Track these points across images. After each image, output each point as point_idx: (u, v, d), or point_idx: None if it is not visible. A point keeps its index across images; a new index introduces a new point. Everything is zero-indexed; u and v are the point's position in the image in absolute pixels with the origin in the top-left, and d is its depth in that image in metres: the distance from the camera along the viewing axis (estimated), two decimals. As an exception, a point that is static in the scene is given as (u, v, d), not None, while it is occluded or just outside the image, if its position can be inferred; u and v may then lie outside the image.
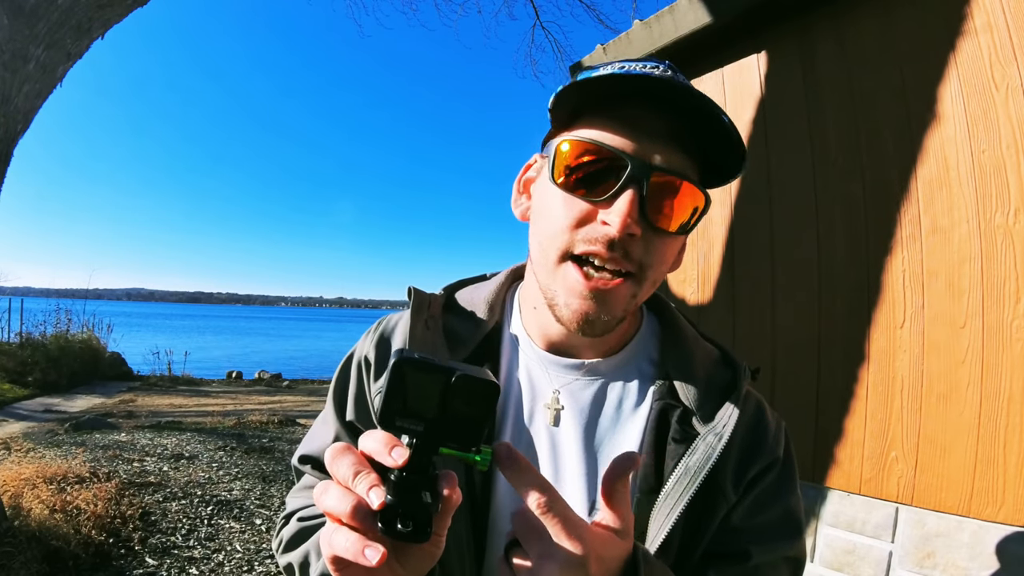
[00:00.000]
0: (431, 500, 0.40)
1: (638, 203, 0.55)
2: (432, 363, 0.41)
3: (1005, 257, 1.60)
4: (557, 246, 0.59)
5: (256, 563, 3.21)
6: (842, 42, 2.02)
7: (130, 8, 3.14)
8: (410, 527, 0.39)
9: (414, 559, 0.45)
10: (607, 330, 0.61)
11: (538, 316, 0.68)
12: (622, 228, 0.55)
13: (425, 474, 0.41)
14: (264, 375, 13.49)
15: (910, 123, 1.82)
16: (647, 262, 0.59)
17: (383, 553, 0.38)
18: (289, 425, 7.00)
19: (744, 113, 2.33)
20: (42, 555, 2.80)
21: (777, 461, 0.67)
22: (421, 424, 0.41)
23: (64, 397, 8.60)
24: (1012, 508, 1.53)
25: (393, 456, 0.40)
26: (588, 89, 0.57)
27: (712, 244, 2.43)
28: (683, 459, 0.61)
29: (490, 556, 0.64)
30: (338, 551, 0.40)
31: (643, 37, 2.59)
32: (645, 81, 0.55)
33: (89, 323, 11.37)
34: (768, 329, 2.18)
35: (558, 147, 0.59)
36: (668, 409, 0.65)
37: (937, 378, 1.71)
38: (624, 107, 0.58)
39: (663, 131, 0.57)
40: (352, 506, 0.40)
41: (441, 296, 0.74)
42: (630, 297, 0.60)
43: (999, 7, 1.63)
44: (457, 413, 0.41)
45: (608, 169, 0.57)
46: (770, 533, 0.66)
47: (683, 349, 0.69)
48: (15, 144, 2.99)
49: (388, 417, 0.40)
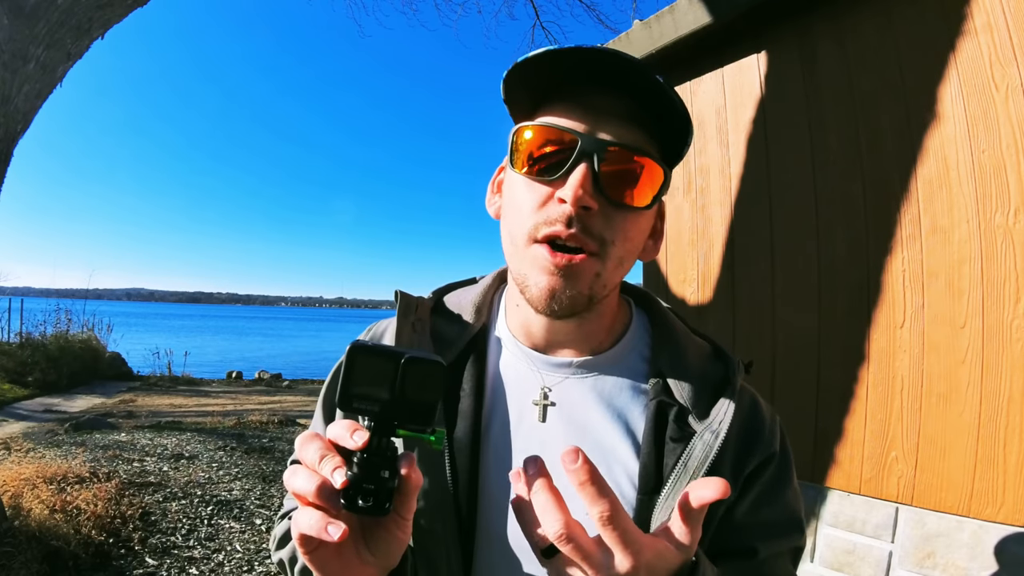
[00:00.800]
0: (389, 476, 0.43)
1: (591, 177, 0.56)
2: (382, 348, 0.44)
3: (1005, 257, 1.60)
4: (523, 232, 0.60)
5: (256, 563, 3.21)
6: (842, 42, 2.02)
7: (130, 8, 3.14)
8: (371, 502, 0.42)
9: (383, 543, 0.47)
10: (574, 309, 0.60)
11: (521, 313, 0.68)
12: (574, 200, 0.55)
13: (385, 455, 0.44)
14: (264, 375, 13.49)
15: (910, 123, 1.82)
16: (608, 237, 0.59)
17: (344, 530, 0.41)
18: (289, 425, 7.00)
19: (744, 113, 2.33)
20: (42, 555, 2.80)
21: (775, 455, 0.67)
22: (377, 406, 0.44)
23: (64, 397, 8.60)
24: (1012, 508, 1.53)
25: (355, 439, 0.42)
26: (538, 73, 0.59)
27: (712, 244, 2.43)
28: (681, 458, 0.61)
29: (479, 557, 0.64)
30: (303, 528, 0.43)
31: (643, 37, 2.59)
32: (581, 56, 0.56)
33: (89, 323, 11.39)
34: (768, 329, 2.18)
35: (515, 136, 0.61)
36: (664, 407, 0.64)
37: (937, 378, 1.71)
38: (575, 91, 0.60)
39: (614, 109, 0.59)
40: (317, 486, 0.42)
41: (430, 299, 0.75)
42: (594, 275, 0.59)
43: (999, 7, 1.63)
44: (409, 394, 0.44)
45: (562, 150, 0.58)
46: (774, 528, 0.66)
47: (675, 345, 0.69)
48: (15, 144, 2.99)
49: (346, 400, 0.44)
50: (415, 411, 0.45)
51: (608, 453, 0.64)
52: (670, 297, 2.58)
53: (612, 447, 0.64)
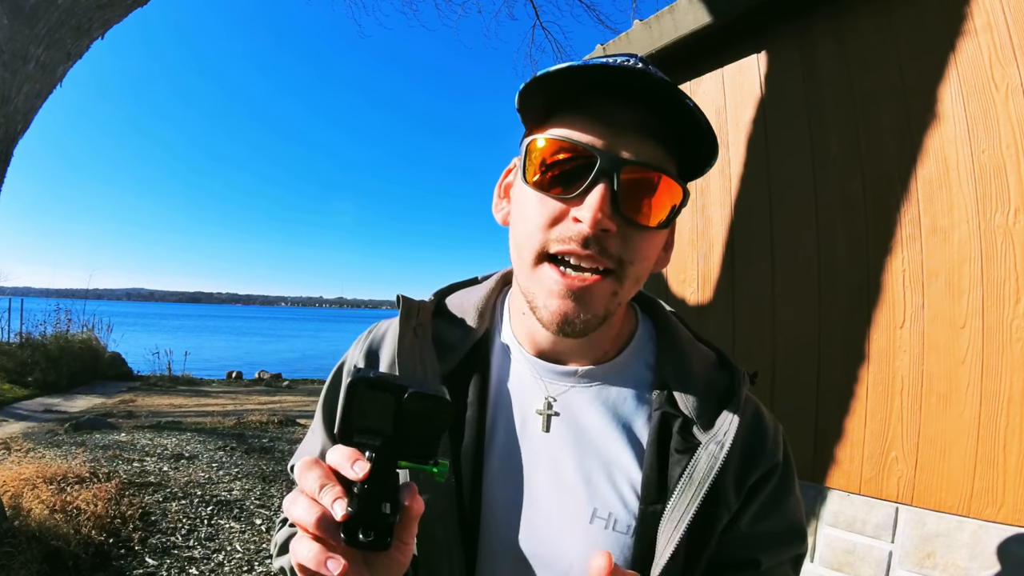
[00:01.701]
0: (391, 511, 0.42)
1: (610, 197, 0.54)
2: (385, 381, 0.43)
3: (1005, 257, 1.60)
4: (532, 247, 0.58)
5: (256, 563, 3.21)
6: (842, 42, 2.02)
7: (130, 8, 3.14)
8: (371, 537, 0.41)
9: (383, 568, 0.46)
10: (587, 330, 0.59)
11: (526, 321, 0.67)
12: (593, 224, 0.54)
13: (386, 486, 0.42)
14: (264, 375, 13.49)
15: (910, 123, 1.82)
16: (627, 258, 0.57)
17: (344, 565, 0.41)
18: (289, 425, 7.00)
19: (744, 113, 2.33)
20: (42, 555, 2.80)
21: (778, 466, 0.66)
22: (379, 439, 0.43)
23: (64, 397, 8.60)
24: (1012, 508, 1.53)
25: (355, 470, 0.41)
26: (553, 85, 0.56)
27: (712, 244, 2.43)
28: (686, 470, 0.60)
29: (482, 566, 0.63)
30: (302, 560, 0.42)
31: (643, 37, 2.59)
32: (609, 72, 0.54)
33: (89, 323, 11.38)
34: (768, 329, 2.18)
35: (529, 146, 0.59)
36: (668, 419, 0.64)
37: (937, 378, 1.71)
38: (594, 103, 0.57)
39: (634, 124, 0.56)
40: (317, 517, 0.42)
41: (431, 302, 0.73)
42: (610, 295, 0.58)
43: (999, 7, 1.63)
44: (411, 428, 0.43)
45: (579, 165, 0.56)
46: (777, 539, 0.66)
47: (679, 352, 0.68)
48: (15, 144, 2.99)
49: (346, 434, 0.43)
50: (418, 444, 0.44)
51: (611, 463, 0.63)
52: (670, 297, 2.58)
53: (616, 457, 0.63)
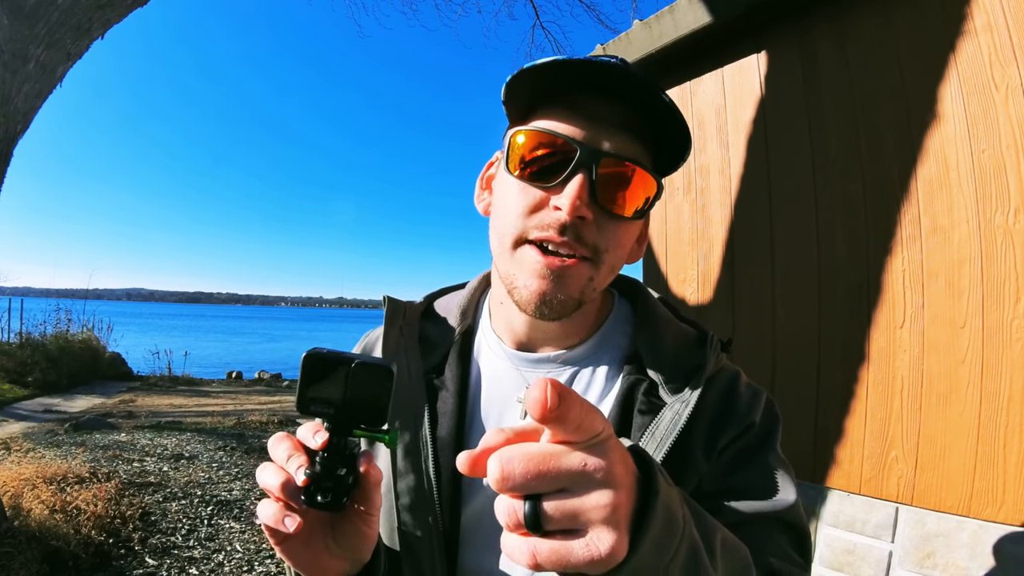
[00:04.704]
0: (346, 474, 0.47)
1: (588, 187, 0.57)
2: (334, 355, 0.48)
3: (1005, 257, 1.60)
4: (512, 232, 0.61)
5: (256, 563, 3.20)
6: (842, 42, 2.02)
7: (130, 8, 3.14)
8: (328, 498, 0.46)
9: (348, 537, 0.51)
10: (563, 313, 0.61)
11: (504, 311, 0.70)
12: (571, 211, 0.56)
13: (343, 454, 0.47)
14: (264, 375, 13.48)
15: (910, 123, 1.82)
16: (602, 246, 0.60)
17: (299, 523, 0.46)
18: (289, 425, 7.00)
19: (744, 113, 2.33)
20: (42, 555, 2.80)
21: (753, 425, 0.64)
22: (332, 408, 0.47)
23: (64, 397, 8.60)
24: (1012, 508, 1.53)
25: (315, 440, 0.46)
26: (538, 79, 0.59)
27: (712, 244, 2.43)
28: (648, 428, 0.61)
29: (463, 554, 0.64)
30: (264, 519, 0.47)
31: (643, 37, 2.59)
32: (590, 69, 0.57)
33: (89, 323, 11.37)
34: (768, 329, 2.18)
35: (512, 138, 0.62)
36: (635, 384, 0.65)
37: (937, 378, 1.71)
38: (575, 98, 0.60)
39: (613, 118, 0.59)
40: (282, 482, 0.47)
41: (421, 304, 0.78)
42: (587, 280, 0.60)
43: (999, 7, 1.63)
44: (359, 396, 0.47)
45: (559, 157, 0.59)
46: (750, 490, 0.61)
47: (653, 329, 0.69)
48: (15, 144, 2.99)
49: (303, 404, 0.47)
50: (367, 412, 0.48)
51: None
52: (670, 297, 2.58)
53: None
